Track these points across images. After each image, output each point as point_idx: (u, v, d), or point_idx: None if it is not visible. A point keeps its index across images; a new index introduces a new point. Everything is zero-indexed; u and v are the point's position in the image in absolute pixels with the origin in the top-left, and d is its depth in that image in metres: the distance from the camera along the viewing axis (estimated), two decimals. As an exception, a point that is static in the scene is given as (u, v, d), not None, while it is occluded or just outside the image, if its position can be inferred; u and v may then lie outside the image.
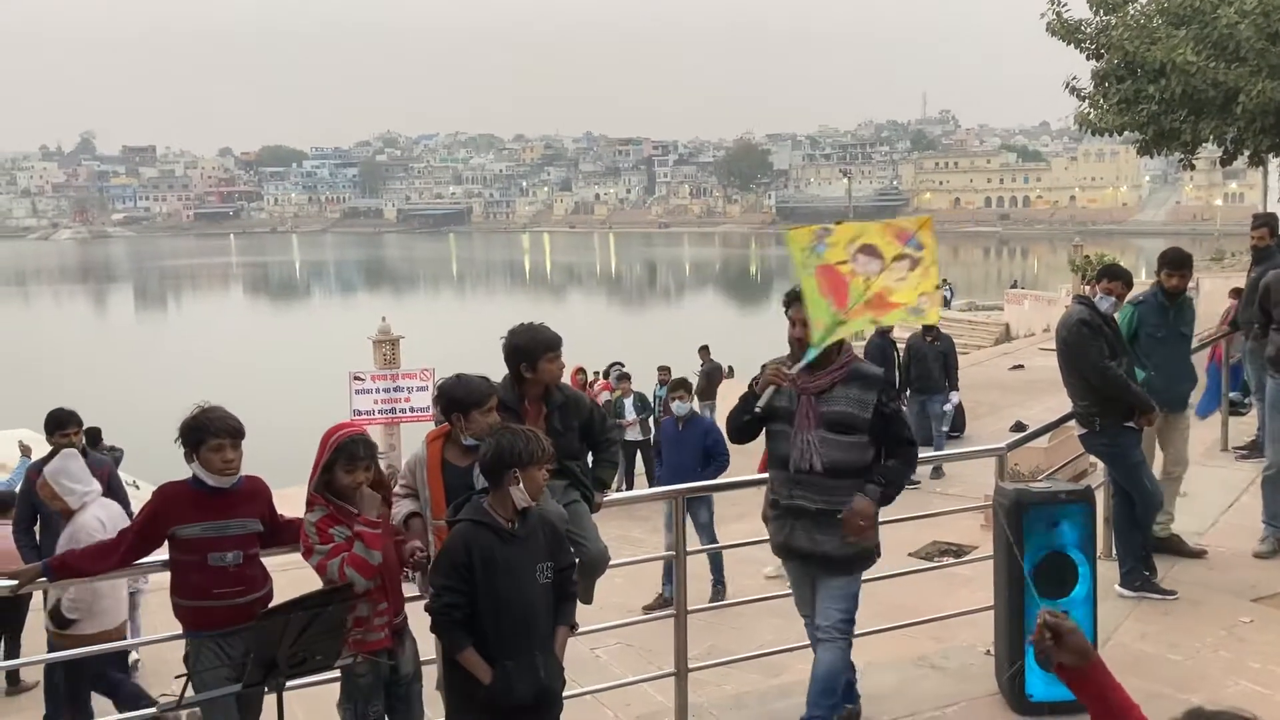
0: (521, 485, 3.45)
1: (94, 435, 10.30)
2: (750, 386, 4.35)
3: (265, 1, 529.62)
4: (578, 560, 3.91)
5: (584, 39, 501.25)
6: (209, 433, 3.82)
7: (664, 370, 14.92)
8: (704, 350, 18.37)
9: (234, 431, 3.86)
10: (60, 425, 6.76)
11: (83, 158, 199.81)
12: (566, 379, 5.02)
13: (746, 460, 15.45)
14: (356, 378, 13.81)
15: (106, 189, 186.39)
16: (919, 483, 11.78)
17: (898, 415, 4.30)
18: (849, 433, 4.17)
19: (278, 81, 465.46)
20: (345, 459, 3.73)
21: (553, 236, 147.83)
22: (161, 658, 7.29)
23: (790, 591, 6.54)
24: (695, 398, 11.50)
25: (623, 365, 15.09)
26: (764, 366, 4.33)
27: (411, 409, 14.17)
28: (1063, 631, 2.03)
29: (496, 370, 4.39)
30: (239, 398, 5.09)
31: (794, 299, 4.32)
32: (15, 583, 3.63)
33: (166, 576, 3.96)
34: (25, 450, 9.21)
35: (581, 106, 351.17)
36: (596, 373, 15.68)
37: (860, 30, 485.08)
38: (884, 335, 12.39)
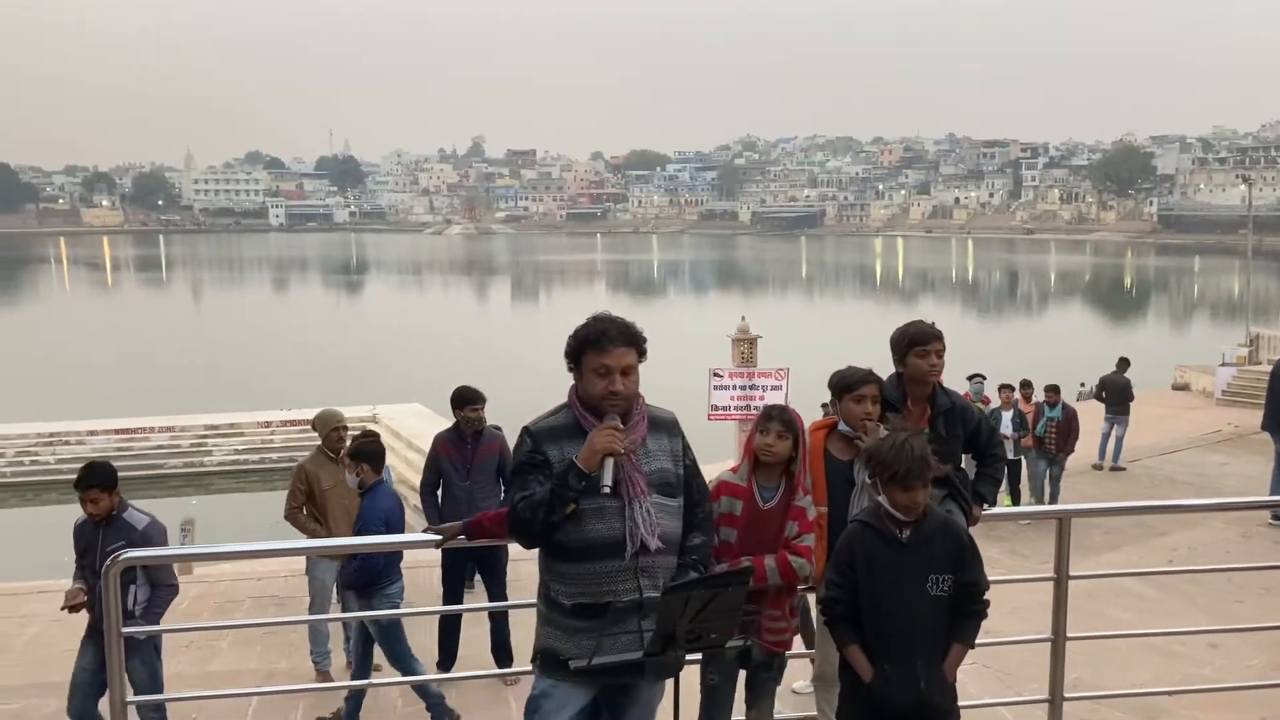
0: (882, 495, 3.40)
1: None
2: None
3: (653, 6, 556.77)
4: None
5: (953, 36, 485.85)
6: None
7: (1051, 391, 14.17)
8: (1123, 362, 17.41)
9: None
10: (464, 402, 7.45)
11: (473, 160, 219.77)
12: None
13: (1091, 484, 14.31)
14: (716, 374, 14.13)
15: (492, 189, 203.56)
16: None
17: (697, 467, 3.53)
18: (673, 494, 3.41)
19: (644, 88, 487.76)
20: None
21: (907, 241, 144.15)
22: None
23: (1174, 630, 6.08)
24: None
25: (983, 378, 14.48)
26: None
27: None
28: None
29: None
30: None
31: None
32: (440, 537, 4.07)
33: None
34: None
35: (945, 108, 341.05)
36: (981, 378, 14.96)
37: (1268, 18, 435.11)
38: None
